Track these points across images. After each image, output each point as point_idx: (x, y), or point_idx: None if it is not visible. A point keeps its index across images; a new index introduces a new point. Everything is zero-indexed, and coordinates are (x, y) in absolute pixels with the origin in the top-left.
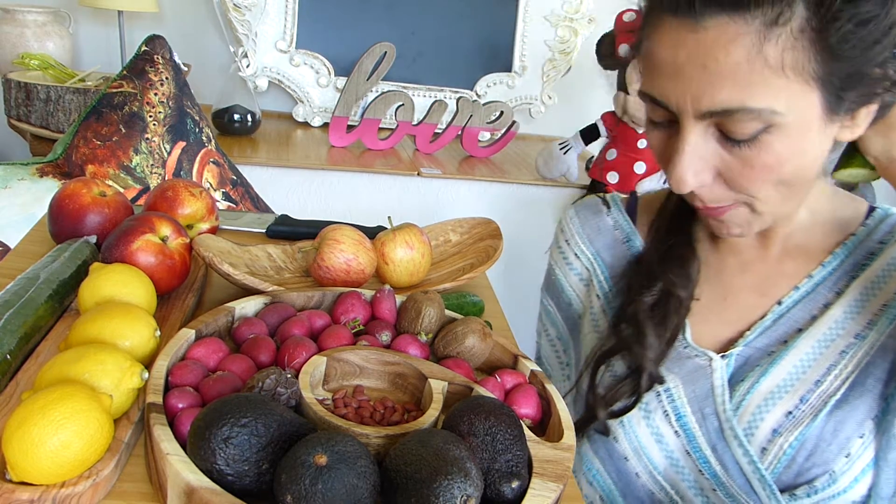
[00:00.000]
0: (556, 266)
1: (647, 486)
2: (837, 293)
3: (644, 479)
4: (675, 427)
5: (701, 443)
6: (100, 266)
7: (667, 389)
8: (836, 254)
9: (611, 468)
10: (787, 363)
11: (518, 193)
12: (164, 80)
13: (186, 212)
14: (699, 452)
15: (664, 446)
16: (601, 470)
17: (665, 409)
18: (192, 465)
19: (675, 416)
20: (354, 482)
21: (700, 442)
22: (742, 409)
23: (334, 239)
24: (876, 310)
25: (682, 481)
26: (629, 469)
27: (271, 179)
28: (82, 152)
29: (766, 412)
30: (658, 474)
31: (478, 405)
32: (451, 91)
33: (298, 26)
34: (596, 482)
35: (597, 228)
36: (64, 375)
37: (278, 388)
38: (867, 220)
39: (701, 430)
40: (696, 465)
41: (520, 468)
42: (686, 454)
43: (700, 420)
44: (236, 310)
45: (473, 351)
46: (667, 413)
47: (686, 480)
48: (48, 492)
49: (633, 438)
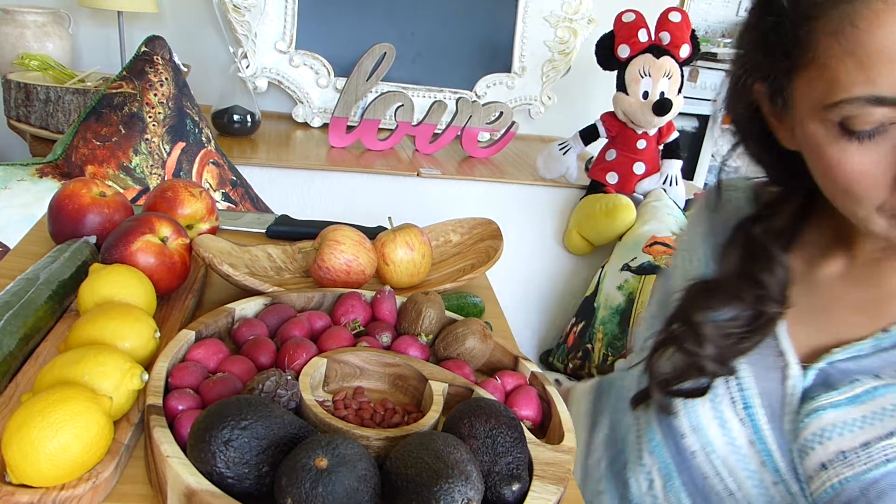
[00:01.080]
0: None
1: (702, 467)
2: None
3: (700, 459)
4: (740, 415)
5: (766, 436)
6: (99, 267)
7: (737, 377)
8: None
9: (669, 442)
10: (870, 405)
11: (518, 194)
12: (163, 81)
13: (186, 212)
14: (764, 445)
15: (727, 431)
16: (661, 442)
17: (732, 396)
18: (192, 468)
19: (743, 404)
20: (355, 485)
21: (765, 435)
22: (802, 429)
23: (334, 239)
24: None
25: (743, 470)
26: (686, 446)
27: (271, 180)
28: (82, 153)
29: (818, 443)
30: (716, 458)
31: (478, 407)
32: (450, 91)
33: (298, 27)
34: (655, 452)
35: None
36: (64, 377)
37: (278, 390)
38: None
39: (770, 424)
40: (760, 456)
41: (520, 471)
42: (750, 444)
43: (770, 415)
44: (236, 311)
45: (474, 352)
46: (734, 400)
47: (746, 470)
48: (48, 494)
49: (693, 417)
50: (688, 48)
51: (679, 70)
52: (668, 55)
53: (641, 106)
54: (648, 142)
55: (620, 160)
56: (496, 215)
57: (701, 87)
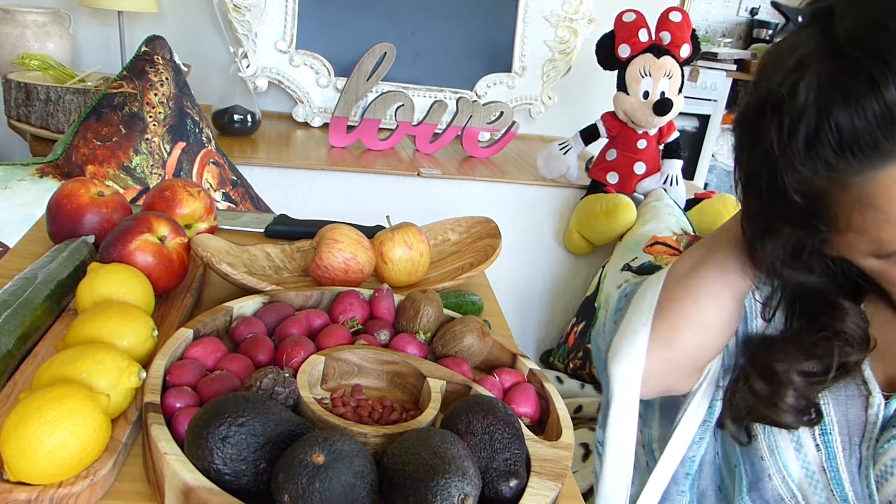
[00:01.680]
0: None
1: (777, 490)
2: None
3: (776, 482)
4: (817, 440)
5: (840, 464)
6: (98, 266)
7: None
8: None
9: (746, 459)
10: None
11: (518, 194)
12: (164, 81)
13: (185, 211)
14: (835, 473)
15: (802, 455)
16: (739, 456)
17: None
18: (189, 465)
19: (820, 431)
20: (352, 481)
21: (839, 463)
22: (881, 455)
23: (333, 238)
24: None
25: (814, 496)
26: (763, 467)
27: (271, 180)
28: (82, 153)
29: (893, 471)
30: (792, 482)
31: (476, 404)
32: (451, 91)
33: (298, 26)
34: (736, 468)
35: None
36: (61, 375)
37: (276, 388)
38: None
39: (844, 453)
40: (830, 483)
41: (518, 467)
42: (822, 470)
43: (846, 444)
44: (234, 309)
45: (472, 350)
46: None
47: (818, 496)
48: (45, 492)
49: (771, 441)
50: (688, 48)
51: (679, 70)
52: (669, 55)
53: (642, 106)
54: (649, 142)
55: (621, 160)
56: (496, 215)
57: (701, 86)
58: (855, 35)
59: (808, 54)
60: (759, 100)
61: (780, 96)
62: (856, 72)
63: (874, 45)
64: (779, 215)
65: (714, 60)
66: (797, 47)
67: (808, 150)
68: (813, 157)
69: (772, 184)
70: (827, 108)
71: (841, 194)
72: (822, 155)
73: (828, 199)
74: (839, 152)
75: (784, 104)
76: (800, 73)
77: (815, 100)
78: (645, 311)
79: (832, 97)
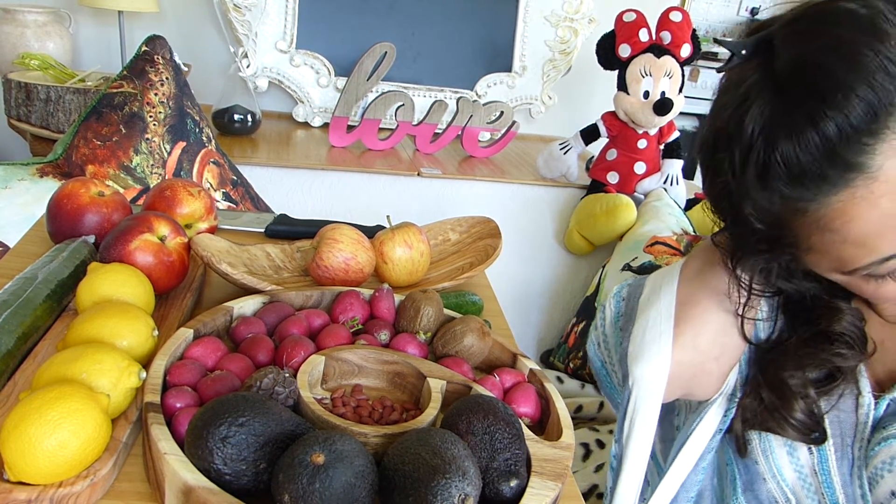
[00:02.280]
0: None
1: (772, 493)
2: None
3: (771, 486)
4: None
5: (832, 468)
6: (98, 266)
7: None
8: None
9: (738, 460)
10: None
11: (518, 193)
12: (164, 81)
13: (185, 211)
14: (826, 476)
15: (794, 459)
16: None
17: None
18: (189, 465)
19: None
20: (352, 481)
21: (831, 467)
22: (873, 457)
23: (333, 238)
24: None
25: (806, 499)
26: (758, 471)
27: (271, 179)
28: (82, 152)
29: (888, 470)
30: (786, 485)
31: (476, 404)
32: (451, 91)
33: (298, 26)
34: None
35: None
36: (61, 375)
37: (276, 388)
38: None
39: (836, 455)
40: (821, 487)
41: (518, 467)
42: (814, 473)
43: (838, 446)
44: (235, 309)
45: (472, 350)
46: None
47: (809, 499)
48: (45, 491)
49: (765, 444)
50: (688, 48)
51: (680, 69)
52: (669, 55)
53: (642, 105)
54: (649, 141)
55: (621, 160)
56: (497, 215)
57: (702, 86)
58: (792, 71)
59: (752, 87)
60: (712, 133)
61: (730, 130)
62: (795, 107)
63: (811, 80)
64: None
65: (714, 60)
66: (742, 81)
67: (760, 181)
68: (766, 188)
69: (734, 212)
70: (772, 143)
71: (799, 219)
72: (775, 186)
73: (788, 224)
74: (789, 183)
75: (733, 138)
76: (745, 108)
77: (760, 134)
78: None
79: (776, 132)
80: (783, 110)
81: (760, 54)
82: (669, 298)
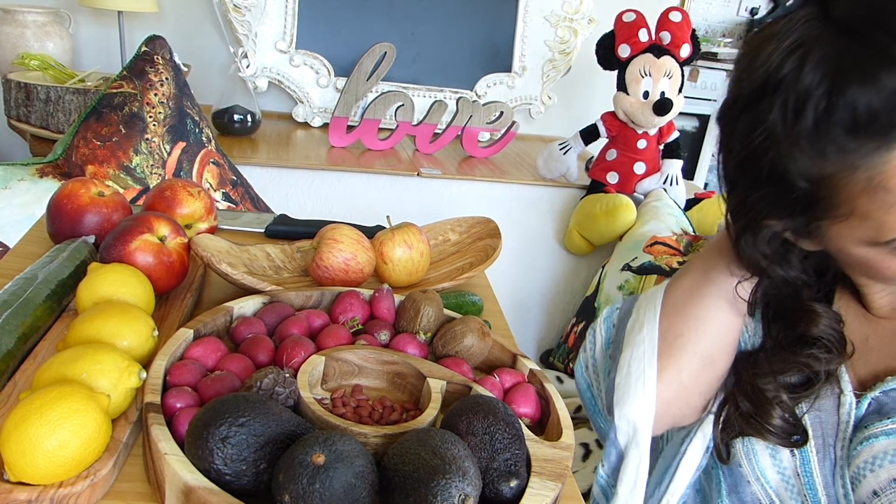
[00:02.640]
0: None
1: (756, 495)
2: None
3: (755, 488)
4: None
5: (814, 469)
6: (98, 266)
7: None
8: None
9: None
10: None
11: (518, 193)
12: (164, 81)
13: (185, 211)
14: (809, 478)
15: (777, 462)
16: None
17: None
18: (189, 465)
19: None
20: (352, 481)
21: (813, 468)
22: (855, 456)
23: (333, 238)
24: None
25: (790, 500)
26: (741, 473)
27: (271, 180)
28: (82, 153)
29: (870, 470)
30: (770, 488)
31: (476, 404)
32: (450, 91)
33: (298, 26)
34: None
35: None
36: (62, 375)
37: (276, 388)
38: None
39: (818, 456)
40: (803, 489)
41: (518, 467)
42: (797, 475)
43: (820, 447)
44: (235, 309)
45: (472, 350)
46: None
47: (793, 500)
48: (46, 492)
49: (748, 447)
50: (688, 48)
51: (679, 70)
52: (669, 55)
53: (642, 106)
54: (649, 141)
55: (621, 160)
56: (496, 215)
57: (701, 86)
58: (861, 12)
59: (808, 34)
60: (755, 83)
61: (781, 77)
62: (868, 48)
63: (882, 19)
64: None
65: (714, 60)
66: (792, 29)
67: (816, 131)
68: (822, 139)
69: (772, 170)
70: (839, 87)
71: (849, 177)
72: (833, 136)
73: (833, 183)
74: (852, 133)
75: (787, 85)
76: (803, 52)
77: (823, 79)
78: (647, 347)
79: (844, 75)
80: (853, 51)
81: (813, 3)
82: (652, 332)
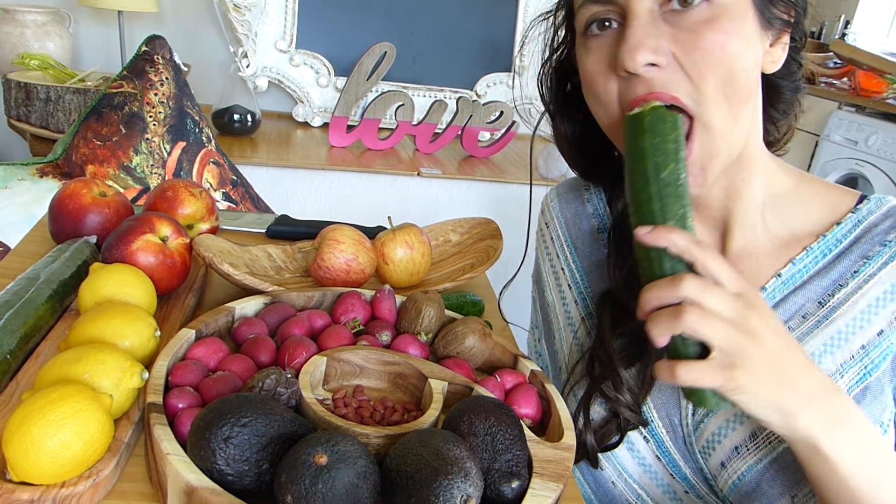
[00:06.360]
0: (538, 250)
1: (623, 495)
2: (821, 313)
3: (620, 488)
4: (643, 433)
5: (670, 447)
6: (100, 266)
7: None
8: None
9: (589, 478)
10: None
11: (518, 193)
12: (164, 81)
13: (186, 212)
14: (669, 457)
15: (635, 453)
16: (580, 479)
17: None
18: (192, 465)
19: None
20: (354, 482)
21: (669, 446)
22: (701, 430)
23: (334, 239)
24: (847, 357)
25: (657, 486)
26: (605, 477)
27: (271, 179)
28: (82, 152)
29: (717, 442)
30: (633, 482)
31: (478, 405)
32: (451, 91)
33: (298, 26)
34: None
35: (574, 213)
36: (64, 375)
37: (278, 388)
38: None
39: (669, 435)
40: (668, 469)
41: (520, 468)
42: (657, 459)
43: (668, 427)
44: (236, 310)
45: (473, 351)
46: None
47: (660, 486)
48: (48, 492)
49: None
50: None
51: None
52: None
53: None
54: None
55: None
56: (497, 215)
57: None
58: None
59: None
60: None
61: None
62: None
63: None
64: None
65: None
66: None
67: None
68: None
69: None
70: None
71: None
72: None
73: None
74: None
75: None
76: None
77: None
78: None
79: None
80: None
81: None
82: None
